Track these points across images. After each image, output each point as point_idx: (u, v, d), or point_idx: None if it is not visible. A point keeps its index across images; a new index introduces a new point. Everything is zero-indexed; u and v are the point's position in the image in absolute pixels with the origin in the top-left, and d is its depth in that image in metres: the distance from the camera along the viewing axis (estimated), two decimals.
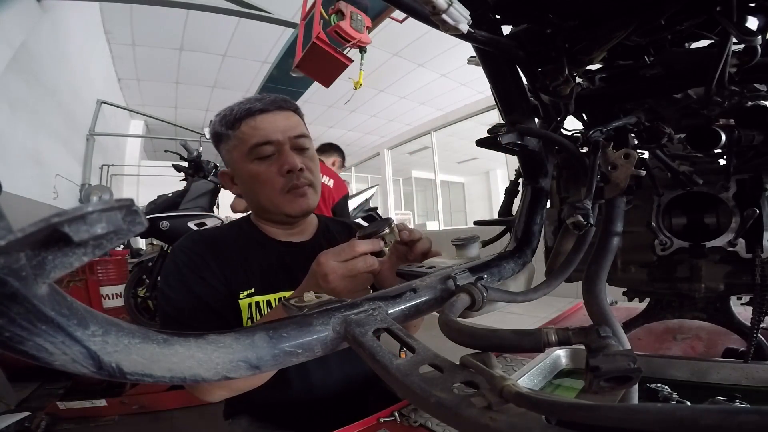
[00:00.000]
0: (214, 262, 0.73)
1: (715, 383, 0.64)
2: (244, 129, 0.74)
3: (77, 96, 4.39)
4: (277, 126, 0.74)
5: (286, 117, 0.77)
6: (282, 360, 0.31)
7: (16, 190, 2.83)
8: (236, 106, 0.76)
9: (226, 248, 0.76)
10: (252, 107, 0.74)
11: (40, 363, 0.21)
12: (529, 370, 0.68)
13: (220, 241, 0.78)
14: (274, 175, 0.74)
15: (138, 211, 0.19)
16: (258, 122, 0.74)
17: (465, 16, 0.37)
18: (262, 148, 0.73)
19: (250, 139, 0.73)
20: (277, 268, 0.78)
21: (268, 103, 0.76)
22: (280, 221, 0.81)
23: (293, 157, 0.74)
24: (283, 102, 0.78)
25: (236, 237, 0.80)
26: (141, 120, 7.05)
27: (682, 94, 0.60)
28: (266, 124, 0.74)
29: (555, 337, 0.29)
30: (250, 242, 0.80)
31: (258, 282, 0.75)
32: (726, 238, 0.62)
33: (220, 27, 4.39)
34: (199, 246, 0.75)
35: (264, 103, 0.75)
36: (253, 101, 0.76)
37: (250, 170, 0.75)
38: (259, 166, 0.74)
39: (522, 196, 0.67)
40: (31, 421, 1.77)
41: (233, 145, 0.76)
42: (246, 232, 0.82)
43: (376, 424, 0.63)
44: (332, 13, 2.21)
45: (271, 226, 0.82)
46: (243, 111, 0.74)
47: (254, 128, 0.74)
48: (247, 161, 0.75)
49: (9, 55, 2.68)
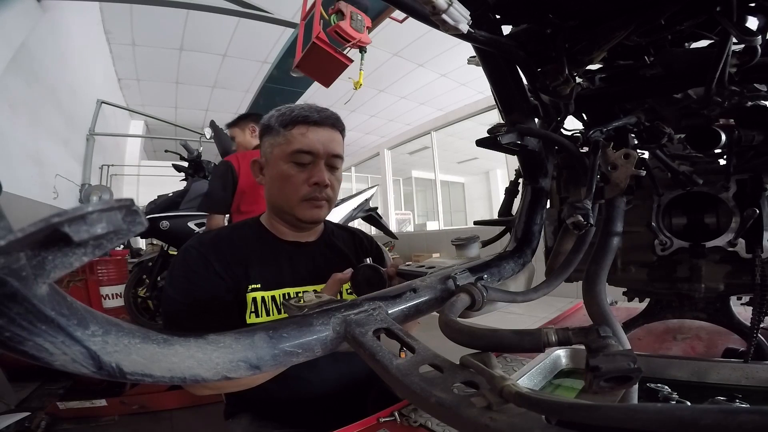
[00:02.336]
0: (218, 262, 0.76)
1: (715, 383, 0.64)
2: (295, 133, 0.79)
3: (77, 96, 4.39)
4: (322, 140, 0.80)
5: (332, 135, 0.82)
6: (282, 360, 0.31)
7: (16, 190, 2.83)
8: (297, 108, 0.81)
9: (233, 246, 0.80)
10: (310, 116, 0.80)
11: (40, 363, 0.21)
12: (529, 370, 0.68)
13: (227, 240, 0.81)
14: (302, 183, 0.79)
15: (138, 211, 0.19)
16: (310, 132, 0.79)
17: (465, 16, 0.37)
18: (302, 155, 0.79)
19: (296, 143, 0.79)
20: (283, 265, 0.81)
21: (324, 117, 0.81)
22: (291, 223, 0.85)
23: (324, 172, 0.80)
24: (336, 121, 0.84)
25: (245, 235, 0.84)
26: (141, 120, 7.05)
27: (682, 94, 0.60)
28: (315, 136, 0.79)
29: (555, 337, 0.29)
30: (259, 240, 0.84)
31: (264, 278, 0.78)
32: (726, 238, 0.62)
33: (220, 27, 4.39)
34: (205, 247, 0.78)
35: (321, 117, 0.81)
36: (314, 111, 0.81)
37: (283, 170, 0.80)
38: (292, 169, 0.79)
39: (522, 196, 0.67)
40: (31, 421, 1.77)
41: (279, 142, 0.81)
42: (255, 231, 0.86)
43: (376, 424, 0.63)
44: (332, 13, 2.21)
45: (281, 224, 0.86)
46: (302, 116, 0.80)
47: (304, 135, 0.79)
48: (285, 161, 0.80)
49: (9, 55, 2.68)
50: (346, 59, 2.37)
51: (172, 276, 0.75)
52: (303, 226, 0.85)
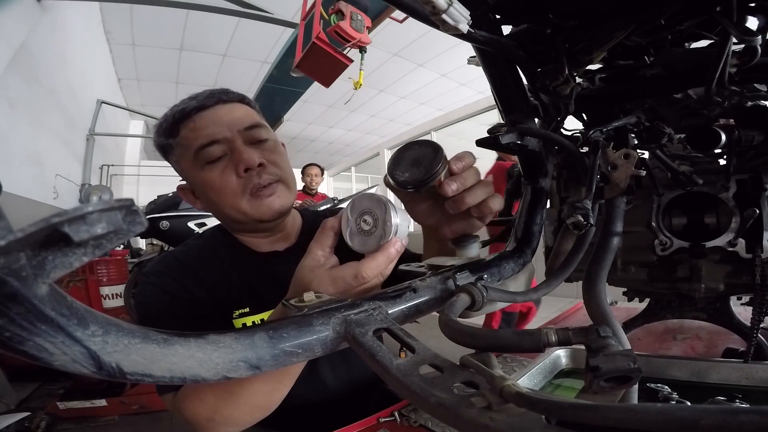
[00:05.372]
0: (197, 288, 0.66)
1: (715, 383, 0.64)
2: (184, 133, 0.65)
3: (77, 96, 4.39)
4: (220, 121, 0.65)
5: (230, 110, 0.67)
6: (282, 360, 0.31)
7: (16, 190, 2.83)
8: (170, 110, 0.68)
9: (208, 269, 0.69)
10: (186, 107, 0.66)
11: (40, 363, 0.21)
12: (529, 370, 0.68)
13: (197, 261, 0.70)
14: (231, 178, 0.64)
15: (138, 211, 0.19)
16: (197, 122, 0.65)
17: (465, 16, 0.37)
18: (208, 150, 0.64)
19: (193, 142, 0.64)
20: (266, 284, 0.71)
21: (204, 98, 0.67)
22: (256, 229, 0.72)
23: (249, 152, 0.64)
24: (223, 94, 0.69)
25: (216, 254, 0.72)
26: (141, 120, 7.06)
27: (682, 94, 0.60)
28: (207, 122, 0.65)
29: (555, 337, 0.29)
30: (233, 259, 0.72)
31: (250, 301, 0.69)
32: (726, 238, 0.62)
33: (220, 27, 4.40)
34: (177, 272, 0.67)
35: (199, 100, 0.66)
36: (187, 100, 0.67)
37: (202, 179, 0.65)
38: (211, 171, 0.64)
39: (522, 196, 0.67)
40: (31, 421, 1.77)
41: (179, 155, 0.67)
42: (225, 246, 0.74)
43: (376, 424, 0.63)
44: (332, 13, 2.22)
45: (249, 236, 0.74)
46: (178, 113, 0.66)
47: (194, 129, 0.65)
48: (197, 169, 0.65)
49: (9, 55, 2.68)
50: (346, 59, 2.37)
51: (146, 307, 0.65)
52: (271, 226, 0.72)
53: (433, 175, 0.44)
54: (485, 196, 0.48)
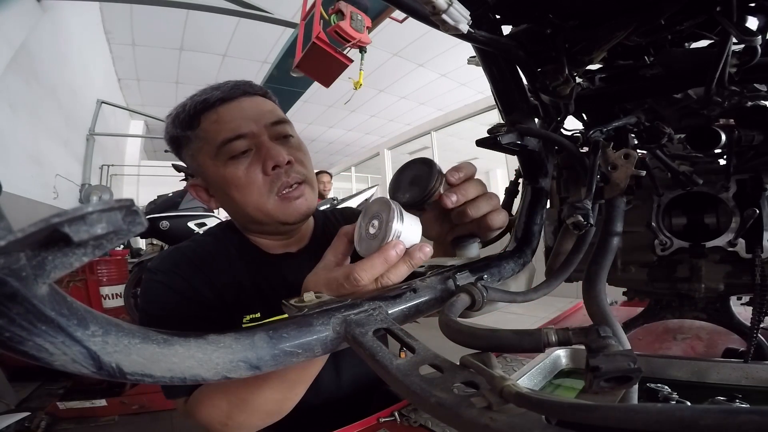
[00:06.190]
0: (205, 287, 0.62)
1: (715, 383, 0.64)
2: (206, 125, 0.61)
3: (77, 96, 4.39)
4: (246, 114, 0.60)
5: (255, 103, 0.63)
6: (282, 360, 0.31)
7: (16, 190, 2.83)
8: (189, 100, 0.64)
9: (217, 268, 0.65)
10: (209, 97, 0.61)
11: (40, 363, 0.21)
12: (529, 370, 0.68)
13: (207, 259, 0.65)
14: (258, 176, 0.60)
15: (138, 211, 0.19)
16: (221, 114, 0.61)
17: (465, 16, 0.37)
18: (233, 145, 0.59)
19: (216, 135, 0.60)
20: (279, 287, 0.67)
21: (229, 89, 0.62)
22: (277, 231, 0.68)
23: (276, 148, 0.60)
24: (248, 86, 0.65)
25: (226, 254, 0.67)
26: (141, 120, 7.05)
27: (682, 94, 0.60)
28: (233, 115, 0.60)
29: (555, 337, 0.29)
30: (244, 259, 0.68)
31: (262, 305, 0.65)
32: (726, 238, 0.62)
33: (220, 27, 4.40)
34: (184, 269, 0.63)
35: (224, 91, 0.62)
36: (210, 90, 0.62)
37: (224, 175, 0.60)
38: (235, 168, 0.60)
39: (522, 196, 0.67)
40: (31, 421, 1.77)
41: (197, 148, 0.63)
42: (236, 247, 0.69)
43: (376, 424, 0.63)
44: (332, 13, 2.22)
45: (263, 238, 0.70)
46: (199, 104, 0.61)
47: (218, 122, 0.60)
48: (218, 164, 0.61)
49: (9, 55, 2.68)
50: (346, 59, 2.37)
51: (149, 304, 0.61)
52: (293, 229, 0.68)
53: (430, 191, 0.44)
54: (489, 210, 0.47)
